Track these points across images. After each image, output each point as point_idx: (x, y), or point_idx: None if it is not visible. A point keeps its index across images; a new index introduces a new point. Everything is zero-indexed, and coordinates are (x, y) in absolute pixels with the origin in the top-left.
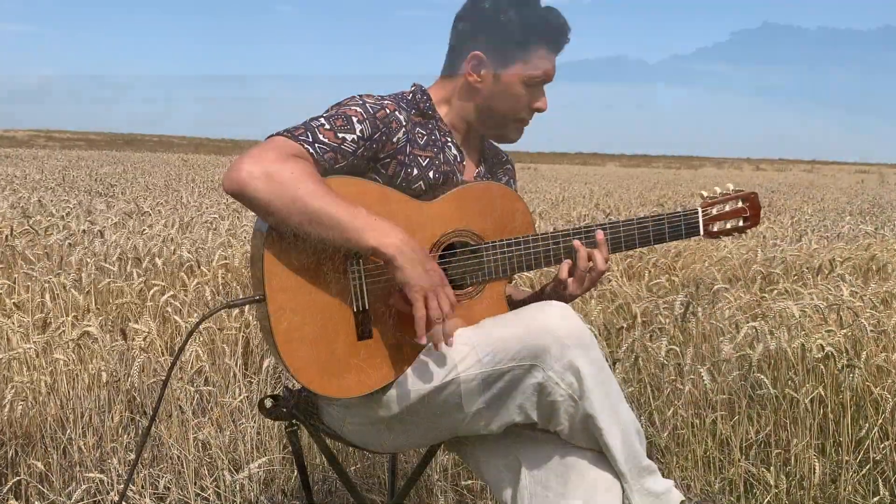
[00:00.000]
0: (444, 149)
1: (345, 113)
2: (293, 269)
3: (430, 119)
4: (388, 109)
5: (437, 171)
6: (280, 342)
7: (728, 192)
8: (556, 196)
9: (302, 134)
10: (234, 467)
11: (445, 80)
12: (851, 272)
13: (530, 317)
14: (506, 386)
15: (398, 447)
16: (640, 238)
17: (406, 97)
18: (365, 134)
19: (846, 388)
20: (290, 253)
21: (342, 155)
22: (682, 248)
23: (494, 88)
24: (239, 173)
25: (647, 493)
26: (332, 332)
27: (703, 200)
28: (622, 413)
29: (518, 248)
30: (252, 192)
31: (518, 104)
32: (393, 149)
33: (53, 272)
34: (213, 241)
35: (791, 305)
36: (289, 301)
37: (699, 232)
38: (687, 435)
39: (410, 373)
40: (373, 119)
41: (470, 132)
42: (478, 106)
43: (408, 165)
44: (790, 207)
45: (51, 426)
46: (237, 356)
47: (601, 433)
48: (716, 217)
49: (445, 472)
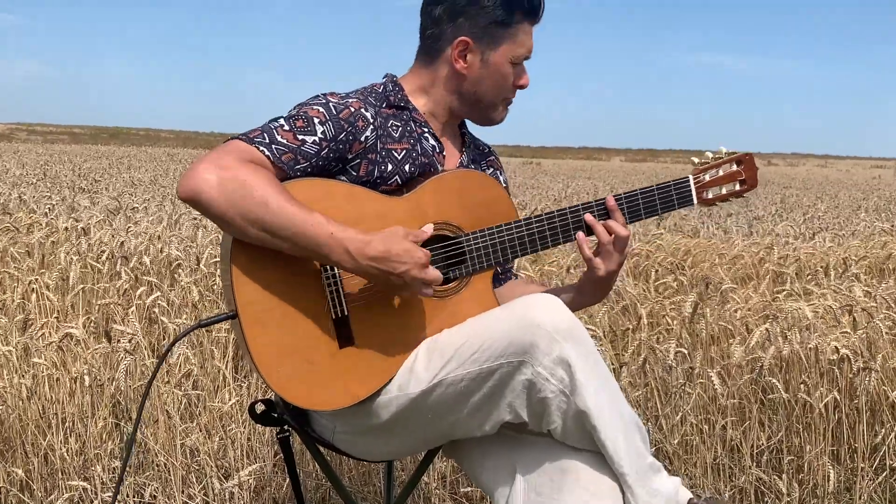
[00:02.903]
0: (420, 140)
1: (306, 113)
2: (264, 281)
3: (402, 110)
4: (354, 108)
5: (414, 164)
6: (258, 359)
7: (721, 156)
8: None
9: (258, 136)
10: (224, 475)
11: (422, 68)
12: (866, 271)
13: (518, 311)
14: (495, 385)
15: (391, 454)
16: (630, 212)
17: (376, 90)
18: (328, 135)
19: (861, 392)
20: (259, 263)
21: (303, 157)
22: (691, 245)
23: (482, 72)
24: (194, 178)
25: (655, 494)
26: (312, 343)
27: (694, 167)
28: (619, 408)
29: (501, 236)
30: (206, 199)
31: (506, 85)
32: (361, 148)
33: (35, 271)
34: (202, 238)
35: (804, 306)
36: (262, 314)
37: (692, 201)
38: (696, 441)
39: (396, 379)
40: (336, 120)
41: (450, 120)
42: (463, 93)
43: (380, 163)
44: (803, 204)
45: (32, 432)
46: (227, 359)
47: (596, 430)
48: (709, 183)
49: (443, 479)
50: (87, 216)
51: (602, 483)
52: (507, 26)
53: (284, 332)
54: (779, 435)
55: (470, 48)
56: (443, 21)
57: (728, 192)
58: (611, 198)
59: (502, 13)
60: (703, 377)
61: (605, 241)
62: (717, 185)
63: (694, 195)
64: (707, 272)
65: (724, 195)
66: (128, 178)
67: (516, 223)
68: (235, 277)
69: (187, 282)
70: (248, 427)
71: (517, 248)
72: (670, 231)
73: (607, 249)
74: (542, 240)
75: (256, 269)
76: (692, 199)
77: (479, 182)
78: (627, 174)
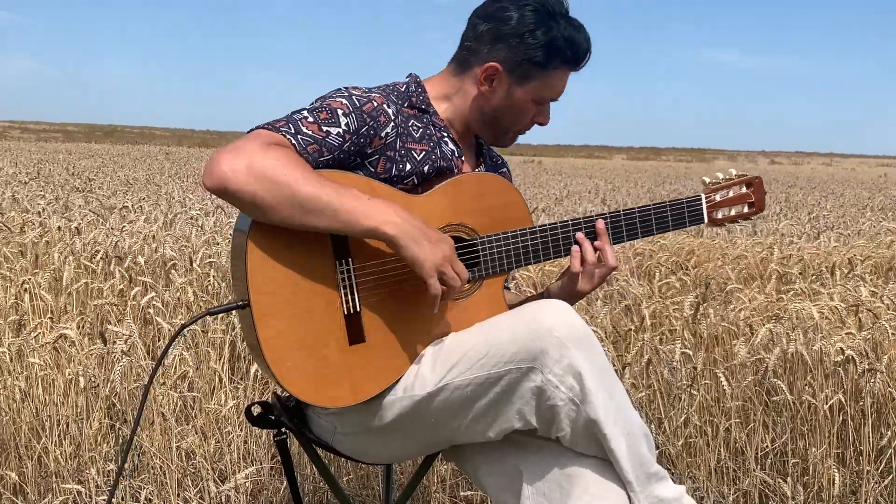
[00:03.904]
0: (440, 143)
1: (329, 105)
2: (278, 272)
3: (424, 113)
4: (376, 102)
5: (433, 166)
6: (267, 351)
7: (731, 178)
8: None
9: (284, 126)
10: (220, 478)
11: (451, 76)
12: (872, 271)
13: (528, 316)
14: (503, 391)
15: (393, 458)
16: (642, 227)
17: (398, 88)
18: (351, 128)
19: (867, 394)
20: (274, 254)
21: (327, 148)
22: (695, 245)
23: (504, 102)
24: (219, 167)
25: (656, 501)
26: (322, 338)
27: (705, 186)
28: (628, 417)
29: (515, 242)
30: (235, 186)
31: (524, 118)
32: (381, 144)
33: (29, 271)
34: (197, 238)
35: (809, 306)
36: (275, 306)
37: (703, 219)
38: (699, 443)
39: (403, 380)
40: (359, 112)
41: (467, 132)
42: (484, 113)
43: (398, 161)
44: (808, 203)
45: (25, 434)
46: (223, 360)
47: (605, 439)
48: (719, 203)
49: (443, 482)
50: (81, 215)
51: (610, 490)
52: (543, 68)
53: (295, 325)
54: (783, 437)
55: (499, 75)
56: (484, 40)
57: (737, 214)
58: (601, 221)
59: (542, 56)
60: (706, 378)
61: (590, 262)
62: (727, 207)
63: (705, 214)
64: (711, 272)
65: (732, 216)
66: (122, 176)
67: (531, 230)
68: (250, 267)
69: (182, 282)
70: (245, 429)
71: (531, 254)
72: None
73: (590, 270)
74: (556, 248)
75: (270, 260)
76: (703, 217)
77: (497, 186)
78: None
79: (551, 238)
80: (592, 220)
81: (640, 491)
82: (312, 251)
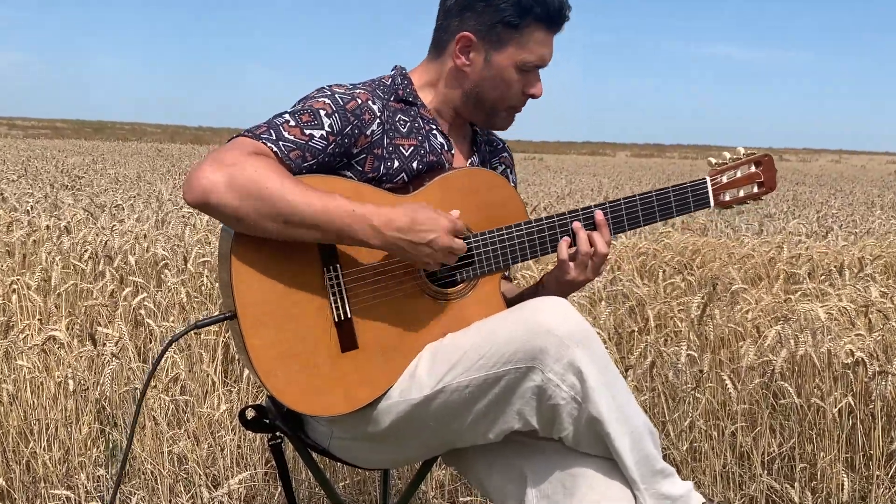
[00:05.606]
0: (428, 137)
1: (311, 107)
2: (264, 281)
3: (411, 106)
4: (360, 99)
5: (422, 162)
6: (257, 362)
7: (739, 157)
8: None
9: (265, 132)
10: (213, 483)
11: (431, 62)
12: (882, 271)
13: (526, 315)
14: (502, 391)
15: (390, 463)
16: (644, 215)
17: (384, 82)
18: (335, 128)
19: (877, 397)
20: (260, 263)
21: (310, 153)
22: (700, 244)
23: (484, 73)
24: (199, 182)
25: (662, 497)
26: (313, 346)
27: (711, 168)
28: (631, 414)
29: (510, 238)
30: (216, 201)
31: (510, 91)
32: (367, 142)
33: (16, 272)
34: (190, 237)
35: (817, 307)
36: (262, 316)
37: (709, 203)
38: (704, 448)
39: (397, 384)
40: (343, 111)
41: (457, 119)
42: (466, 92)
43: (387, 159)
44: (816, 201)
45: (13, 438)
46: (216, 363)
47: (609, 437)
48: (727, 185)
49: (442, 487)
50: (71, 214)
51: (614, 488)
52: (516, 28)
53: (285, 335)
54: (791, 441)
55: (473, 45)
56: (452, 13)
57: (746, 195)
58: (599, 212)
59: (512, 14)
60: (712, 381)
61: (583, 252)
62: (734, 188)
63: (711, 197)
64: (716, 272)
65: (741, 197)
66: (113, 174)
67: (526, 224)
68: (235, 277)
69: (174, 282)
70: (239, 433)
71: (527, 250)
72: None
73: (583, 260)
74: (553, 242)
75: (257, 270)
76: (709, 200)
77: (489, 181)
78: (633, 170)
79: (548, 231)
80: (591, 210)
81: (646, 489)
82: (299, 259)
